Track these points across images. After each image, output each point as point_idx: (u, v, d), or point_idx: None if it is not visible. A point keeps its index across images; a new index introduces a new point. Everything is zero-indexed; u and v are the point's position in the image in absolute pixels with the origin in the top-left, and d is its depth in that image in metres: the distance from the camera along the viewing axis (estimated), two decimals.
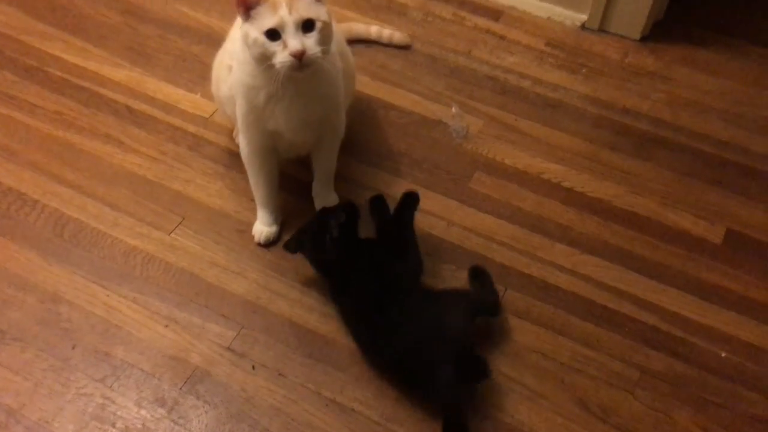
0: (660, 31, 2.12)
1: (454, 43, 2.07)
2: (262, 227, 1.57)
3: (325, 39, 1.31)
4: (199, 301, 1.48)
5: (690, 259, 1.60)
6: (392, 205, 1.53)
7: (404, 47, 2.03)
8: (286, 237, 1.54)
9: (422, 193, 1.66)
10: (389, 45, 2.03)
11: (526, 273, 1.56)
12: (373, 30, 2.02)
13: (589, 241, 1.62)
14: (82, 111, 1.82)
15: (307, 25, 1.27)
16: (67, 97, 1.84)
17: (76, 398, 1.33)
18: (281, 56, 1.27)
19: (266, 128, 1.44)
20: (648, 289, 1.54)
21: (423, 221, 1.61)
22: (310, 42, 1.28)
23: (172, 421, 1.31)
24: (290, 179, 1.67)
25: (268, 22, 1.26)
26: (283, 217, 1.60)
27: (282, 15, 1.25)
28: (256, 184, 1.57)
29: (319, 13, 1.29)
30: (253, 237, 1.57)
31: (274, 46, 1.27)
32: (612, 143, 1.83)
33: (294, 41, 1.26)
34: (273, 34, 1.27)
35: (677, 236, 1.64)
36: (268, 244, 1.57)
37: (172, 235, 1.58)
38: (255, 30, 1.28)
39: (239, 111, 1.45)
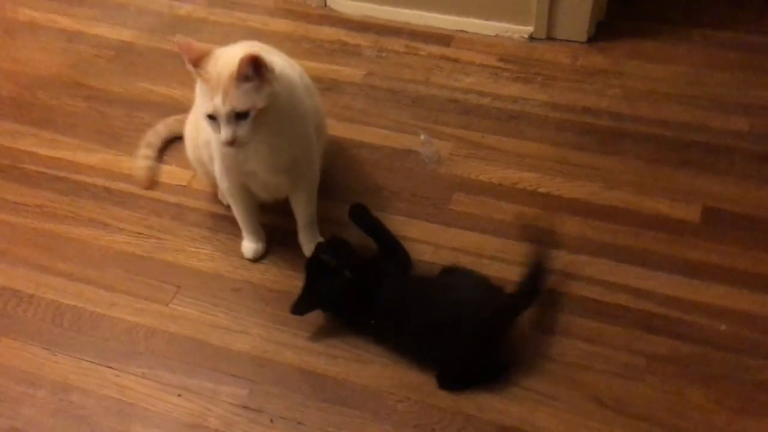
0: (605, 30, 2.20)
1: (411, 73, 2.13)
2: (250, 245, 1.67)
3: (264, 120, 1.35)
4: (207, 365, 1.49)
5: (673, 241, 1.65)
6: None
7: None
8: (270, 254, 1.66)
9: (405, 222, 1.72)
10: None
11: (518, 282, 1.59)
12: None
13: (573, 241, 1.67)
14: (62, 200, 1.84)
15: (239, 115, 1.32)
16: (45, 190, 1.87)
17: None
18: (217, 137, 1.36)
19: (242, 169, 1.50)
20: (639, 277, 1.58)
21: (412, 249, 1.65)
22: (242, 131, 1.33)
23: None
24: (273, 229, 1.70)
25: (206, 106, 1.32)
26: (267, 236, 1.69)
27: (216, 104, 1.30)
28: (239, 213, 1.65)
29: (254, 102, 1.32)
30: (246, 292, 1.61)
31: (213, 126, 1.35)
32: (578, 143, 1.89)
33: (225, 131, 1.33)
34: (211, 117, 1.33)
35: (657, 221, 1.69)
36: (257, 259, 1.66)
37: (171, 305, 1.60)
38: (199, 106, 1.35)
39: (216, 155, 1.50)
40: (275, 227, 1.70)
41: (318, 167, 1.62)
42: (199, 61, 1.32)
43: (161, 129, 1.93)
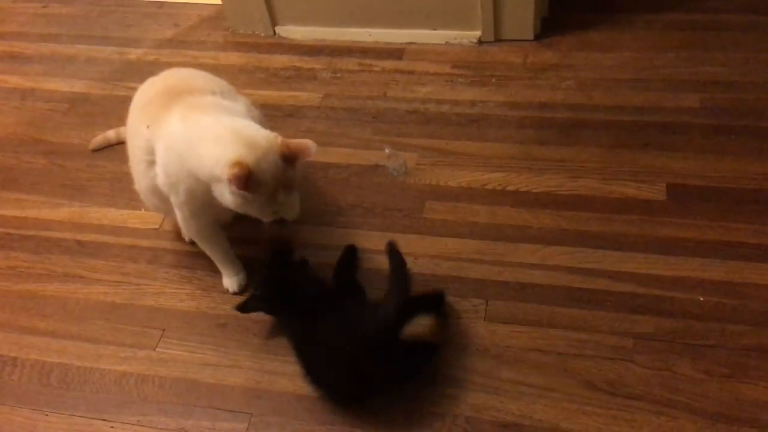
0: (550, 26, 2.25)
1: (368, 90, 2.16)
2: (231, 278, 1.66)
3: None
4: (202, 403, 1.48)
5: (643, 221, 1.69)
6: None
7: None
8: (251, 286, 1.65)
9: (382, 236, 1.73)
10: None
11: (500, 281, 1.62)
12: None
13: (548, 234, 1.69)
14: (33, 259, 1.82)
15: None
16: (15, 250, 1.85)
17: None
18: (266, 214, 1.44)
19: (210, 211, 1.51)
20: (615, 261, 1.61)
21: None
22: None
23: None
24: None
25: (267, 211, 1.41)
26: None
27: (282, 200, 1.39)
28: (212, 251, 1.66)
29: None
30: (232, 324, 1.60)
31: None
32: (539, 138, 1.93)
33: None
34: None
35: (625, 205, 1.73)
36: (242, 290, 1.66)
37: (158, 349, 1.59)
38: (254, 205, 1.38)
39: (178, 201, 1.50)
40: (248, 257, 1.70)
41: None
42: (248, 181, 1.31)
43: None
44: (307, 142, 1.36)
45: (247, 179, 1.30)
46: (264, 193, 1.34)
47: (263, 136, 1.36)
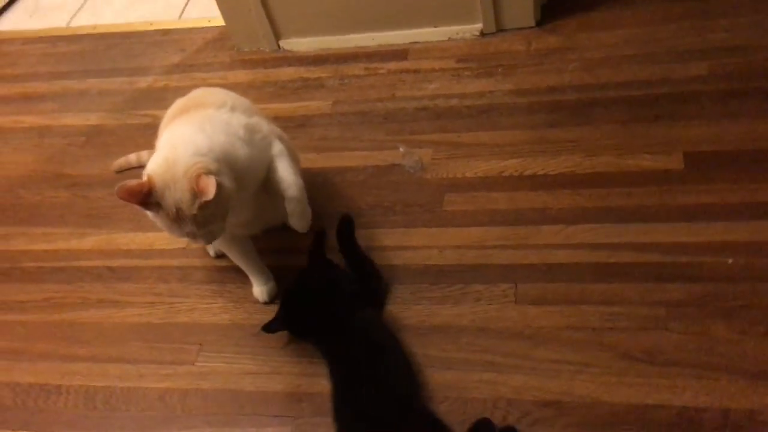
0: (550, 12, 2.27)
1: (376, 92, 2.18)
2: (261, 287, 1.68)
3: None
4: (246, 411, 1.51)
5: (663, 192, 1.69)
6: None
7: None
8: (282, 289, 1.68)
9: (405, 232, 1.75)
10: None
11: (527, 264, 1.63)
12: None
13: (569, 214, 1.70)
14: (67, 289, 1.86)
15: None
16: (48, 282, 1.89)
17: None
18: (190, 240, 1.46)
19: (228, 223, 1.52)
20: (639, 233, 1.62)
21: (418, 256, 1.69)
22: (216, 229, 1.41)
23: None
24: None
25: (170, 229, 1.42)
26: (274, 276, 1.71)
27: (189, 231, 1.38)
28: (240, 260, 1.67)
29: (217, 213, 1.37)
30: (267, 332, 1.61)
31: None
32: (551, 121, 1.94)
33: (202, 239, 1.43)
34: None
35: (643, 177, 1.73)
36: (272, 299, 1.68)
37: (197, 363, 1.62)
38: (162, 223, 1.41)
39: None
40: (279, 266, 1.72)
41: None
42: (147, 198, 1.34)
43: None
44: (208, 184, 1.28)
45: (145, 197, 1.33)
46: (164, 216, 1.35)
47: (187, 163, 1.33)
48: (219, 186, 1.30)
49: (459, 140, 1.96)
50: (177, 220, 1.34)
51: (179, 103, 1.62)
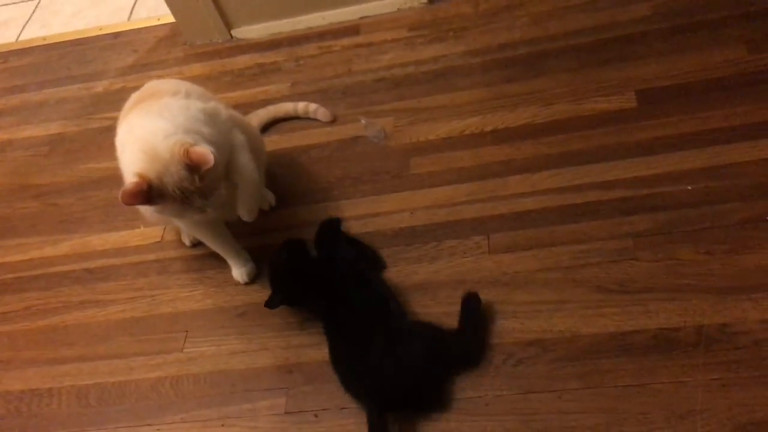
0: None
1: (333, 69, 2.20)
2: (240, 269, 1.70)
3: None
4: (239, 389, 1.53)
5: (620, 130, 1.74)
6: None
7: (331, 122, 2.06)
8: (262, 274, 1.70)
9: (375, 199, 1.78)
10: (310, 118, 2.07)
11: (497, 214, 1.67)
12: (300, 106, 2.08)
13: (532, 162, 1.74)
14: (47, 295, 1.86)
15: None
16: (28, 291, 1.89)
17: None
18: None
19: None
20: (601, 172, 1.66)
21: (390, 220, 1.72)
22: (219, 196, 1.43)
23: None
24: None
25: (187, 212, 1.43)
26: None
27: (198, 205, 1.40)
28: (216, 245, 1.69)
29: (218, 179, 1.41)
30: (260, 311, 1.64)
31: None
32: (506, 77, 1.98)
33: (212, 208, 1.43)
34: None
35: (600, 119, 1.78)
36: (252, 279, 1.71)
37: (185, 350, 1.64)
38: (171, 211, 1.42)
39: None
40: (256, 246, 1.74)
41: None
42: (149, 194, 1.34)
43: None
44: (205, 152, 1.32)
45: (147, 194, 1.33)
46: (171, 203, 1.36)
47: (167, 146, 1.34)
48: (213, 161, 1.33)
49: (419, 105, 1.99)
50: (184, 200, 1.36)
51: (134, 96, 1.62)
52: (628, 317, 1.41)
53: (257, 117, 2.06)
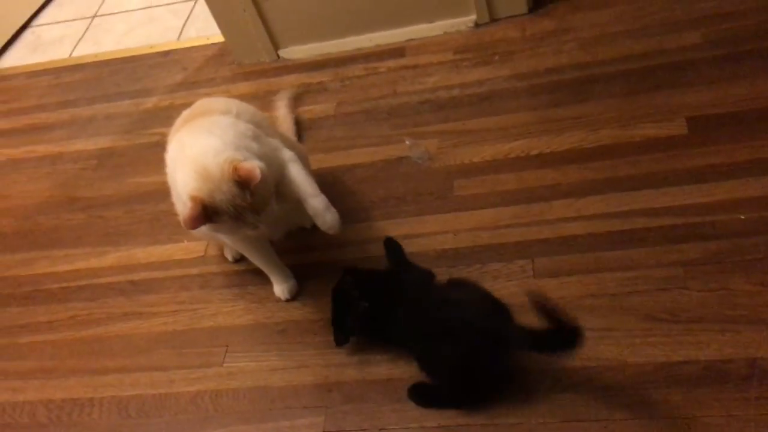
0: None
1: (378, 90, 2.21)
2: (282, 285, 1.70)
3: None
4: (278, 406, 1.53)
5: (670, 157, 1.71)
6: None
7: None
8: (303, 290, 1.72)
9: (418, 220, 1.78)
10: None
11: (541, 238, 1.65)
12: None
13: (579, 187, 1.72)
14: (91, 306, 1.89)
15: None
16: (73, 301, 1.92)
17: None
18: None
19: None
20: (649, 199, 1.64)
21: (434, 241, 1.71)
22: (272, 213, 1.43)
23: None
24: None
25: (239, 229, 1.43)
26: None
27: (251, 221, 1.39)
28: (260, 262, 1.70)
29: (269, 190, 1.40)
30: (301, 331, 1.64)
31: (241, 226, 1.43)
32: (552, 101, 1.96)
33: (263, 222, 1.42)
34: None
35: (649, 145, 1.75)
36: (294, 296, 1.71)
37: (225, 364, 1.64)
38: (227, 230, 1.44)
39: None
40: (298, 264, 1.75)
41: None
42: (205, 214, 1.35)
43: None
44: (253, 167, 1.33)
45: (203, 214, 1.34)
46: (226, 220, 1.37)
47: (217, 164, 1.36)
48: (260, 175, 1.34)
49: (463, 128, 1.99)
50: (237, 217, 1.37)
51: (184, 114, 1.65)
52: (678, 347, 1.38)
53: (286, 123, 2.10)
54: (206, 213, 1.35)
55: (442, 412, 1.42)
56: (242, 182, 1.34)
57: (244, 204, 1.35)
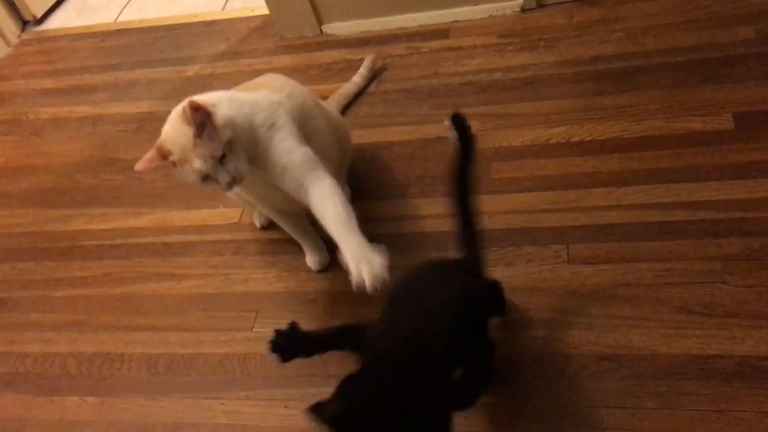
0: None
1: (420, 70, 2.21)
2: (314, 257, 1.71)
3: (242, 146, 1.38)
4: (305, 372, 1.54)
5: (714, 151, 1.68)
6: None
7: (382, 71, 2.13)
8: (335, 262, 1.58)
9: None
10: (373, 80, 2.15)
11: (578, 225, 1.63)
12: (355, 79, 2.16)
13: (619, 176, 1.70)
14: (126, 264, 1.92)
15: (221, 159, 1.35)
16: (108, 259, 1.94)
17: None
18: (222, 187, 1.39)
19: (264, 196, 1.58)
20: (691, 192, 1.61)
21: None
22: (233, 167, 1.37)
23: None
24: None
25: (192, 177, 1.38)
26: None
27: (199, 168, 1.35)
28: (293, 231, 1.71)
29: (221, 139, 1.34)
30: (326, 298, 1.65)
31: (211, 183, 1.39)
32: (597, 90, 1.94)
33: (222, 178, 1.37)
34: (205, 178, 1.38)
35: (693, 138, 1.73)
36: (325, 267, 1.72)
37: (254, 329, 1.66)
38: (188, 177, 1.39)
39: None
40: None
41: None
42: (164, 154, 1.38)
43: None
44: (203, 104, 1.32)
45: (161, 155, 1.38)
46: (177, 163, 1.37)
47: (178, 109, 1.38)
48: (211, 113, 1.33)
49: (504, 111, 1.98)
50: (184, 162, 1.36)
51: (242, 85, 1.64)
52: (712, 341, 1.36)
53: (333, 101, 2.09)
54: (160, 153, 1.37)
55: None
56: (193, 120, 1.31)
57: (188, 143, 1.33)
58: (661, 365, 1.36)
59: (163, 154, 1.38)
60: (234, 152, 1.37)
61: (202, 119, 1.33)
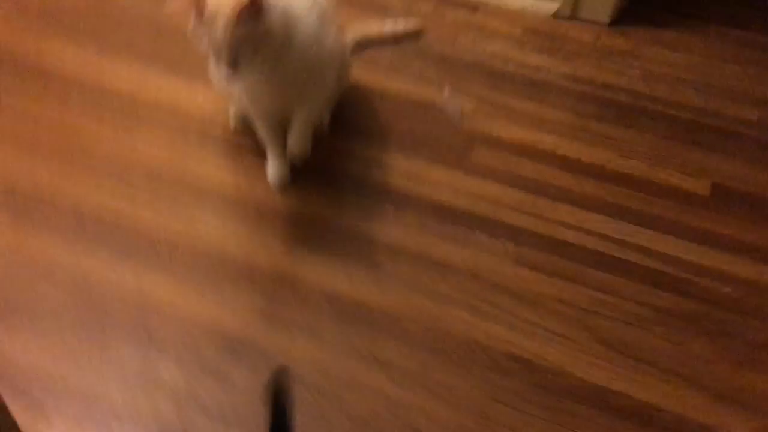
0: (626, 16, 2.26)
1: (438, 34, 2.17)
2: (275, 170, 1.69)
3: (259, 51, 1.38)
4: (227, 276, 1.51)
5: (683, 210, 1.71)
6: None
7: (417, 34, 2.00)
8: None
9: (427, 165, 1.77)
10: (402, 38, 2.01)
11: (535, 231, 1.64)
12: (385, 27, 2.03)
13: (588, 201, 1.72)
14: (87, 101, 1.84)
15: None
16: (73, 98, 1.86)
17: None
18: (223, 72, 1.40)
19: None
20: (650, 239, 1.64)
21: (434, 191, 1.70)
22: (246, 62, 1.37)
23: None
24: None
25: (205, 45, 1.37)
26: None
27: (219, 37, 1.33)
28: (263, 131, 1.69)
29: (252, 36, 1.34)
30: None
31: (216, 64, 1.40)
32: (597, 114, 1.95)
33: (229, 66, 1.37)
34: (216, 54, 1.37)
35: (668, 191, 1.75)
36: (284, 187, 1.69)
37: (192, 220, 1.62)
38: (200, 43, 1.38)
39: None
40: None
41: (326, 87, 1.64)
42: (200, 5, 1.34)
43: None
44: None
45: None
46: (206, 20, 1.33)
47: None
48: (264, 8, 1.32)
49: (505, 102, 1.96)
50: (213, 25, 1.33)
51: None
52: (620, 378, 1.39)
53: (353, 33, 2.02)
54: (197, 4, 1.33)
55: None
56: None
57: (230, 14, 1.30)
58: (565, 383, 1.38)
59: (199, 5, 1.33)
60: (256, 53, 1.37)
61: (257, 5, 1.31)
